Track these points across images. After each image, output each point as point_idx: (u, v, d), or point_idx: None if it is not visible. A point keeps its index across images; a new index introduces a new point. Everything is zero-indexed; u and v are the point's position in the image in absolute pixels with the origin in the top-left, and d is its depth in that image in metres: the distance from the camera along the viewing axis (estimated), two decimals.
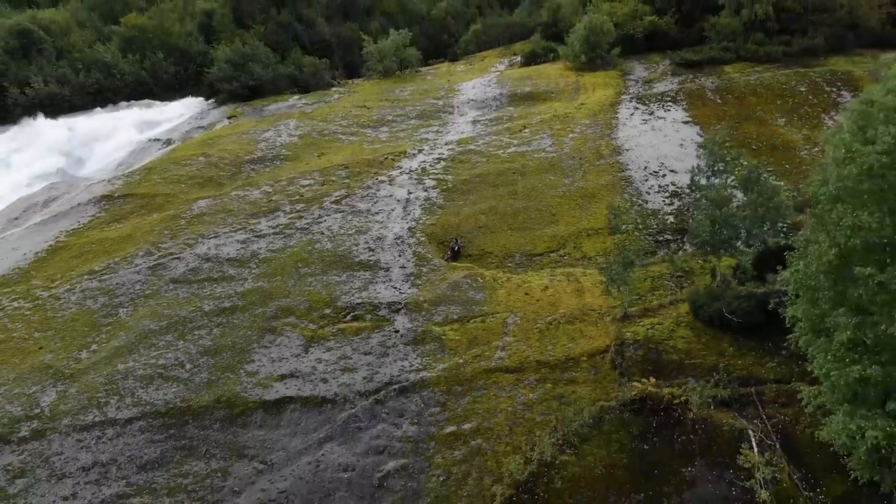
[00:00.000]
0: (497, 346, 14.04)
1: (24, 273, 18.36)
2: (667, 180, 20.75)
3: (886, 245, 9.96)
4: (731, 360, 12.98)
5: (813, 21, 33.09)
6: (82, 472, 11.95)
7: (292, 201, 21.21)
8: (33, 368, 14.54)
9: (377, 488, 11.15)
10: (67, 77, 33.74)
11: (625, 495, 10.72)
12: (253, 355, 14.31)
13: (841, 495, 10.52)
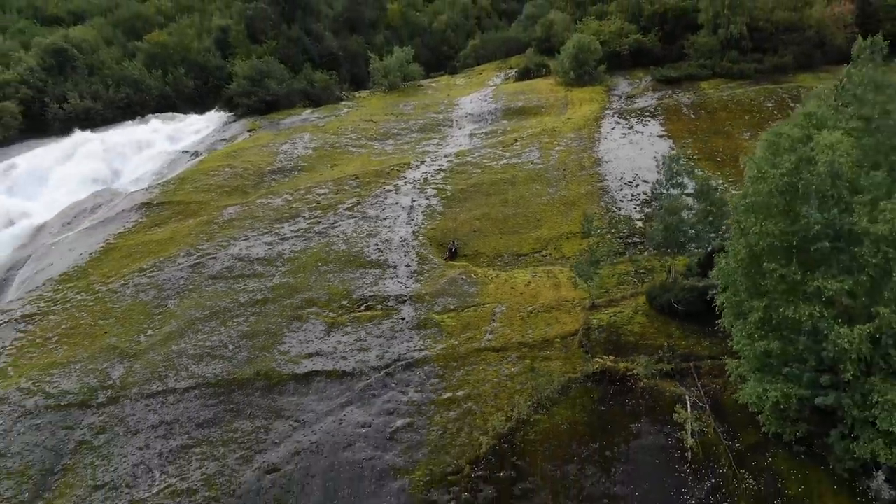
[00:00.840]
0: (486, 330, 16.86)
1: (82, 271, 21.25)
2: (639, 189, 23.55)
3: (787, 247, 12.78)
4: (676, 340, 15.79)
5: (783, 40, 35.91)
6: (152, 429, 14.82)
7: (310, 208, 24.08)
8: (102, 349, 17.42)
9: (388, 440, 13.99)
10: (100, 92, 36.70)
11: (584, 444, 13.54)
12: (284, 338, 17.18)
13: (753, 444, 13.31)
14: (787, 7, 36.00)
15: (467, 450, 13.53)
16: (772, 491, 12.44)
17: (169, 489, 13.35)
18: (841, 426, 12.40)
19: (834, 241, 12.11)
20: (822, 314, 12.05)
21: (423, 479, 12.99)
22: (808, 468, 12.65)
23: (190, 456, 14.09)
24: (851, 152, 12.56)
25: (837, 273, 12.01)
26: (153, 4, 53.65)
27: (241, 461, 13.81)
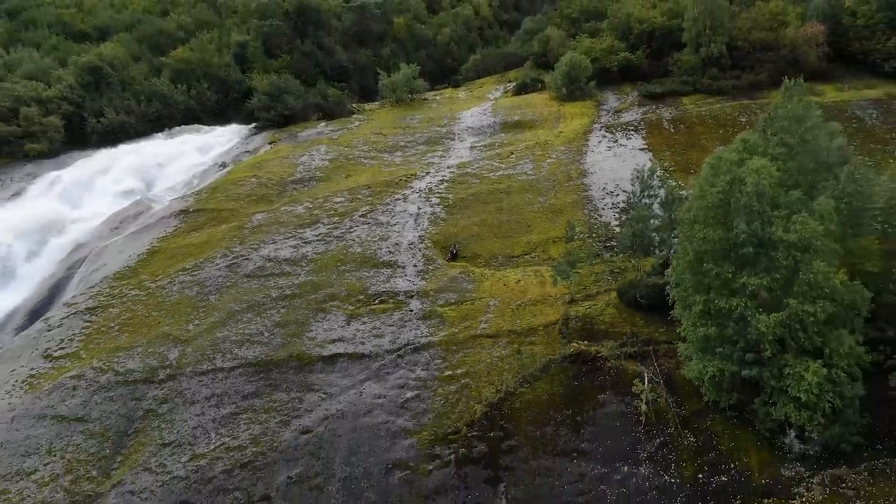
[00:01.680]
0: (481, 320, 19.89)
1: (133, 270, 24.39)
2: (619, 199, 26.49)
3: (722, 251, 15.76)
4: (639, 328, 18.77)
5: (760, 58, 38.74)
6: (206, 400, 17.92)
7: (329, 215, 27.17)
8: (157, 336, 20.54)
9: (400, 408, 17.04)
10: (132, 107, 39.88)
11: (559, 411, 16.55)
12: (311, 327, 20.25)
13: (696, 410, 16.28)
14: (764, 28, 38.78)
15: (464, 415, 16.58)
16: (708, 447, 15.45)
17: (223, 446, 16.45)
18: (763, 395, 15.40)
19: (757, 247, 15.11)
20: (747, 305, 15.06)
21: (428, 438, 16.05)
22: (738, 429, 15.66)
23: (238, 420, 17.20)
24: (774, 175, 15.58)
25: (759, 272, 15.01)
26: (174, 20, 56.90)
27: (281, 424, 16.91)
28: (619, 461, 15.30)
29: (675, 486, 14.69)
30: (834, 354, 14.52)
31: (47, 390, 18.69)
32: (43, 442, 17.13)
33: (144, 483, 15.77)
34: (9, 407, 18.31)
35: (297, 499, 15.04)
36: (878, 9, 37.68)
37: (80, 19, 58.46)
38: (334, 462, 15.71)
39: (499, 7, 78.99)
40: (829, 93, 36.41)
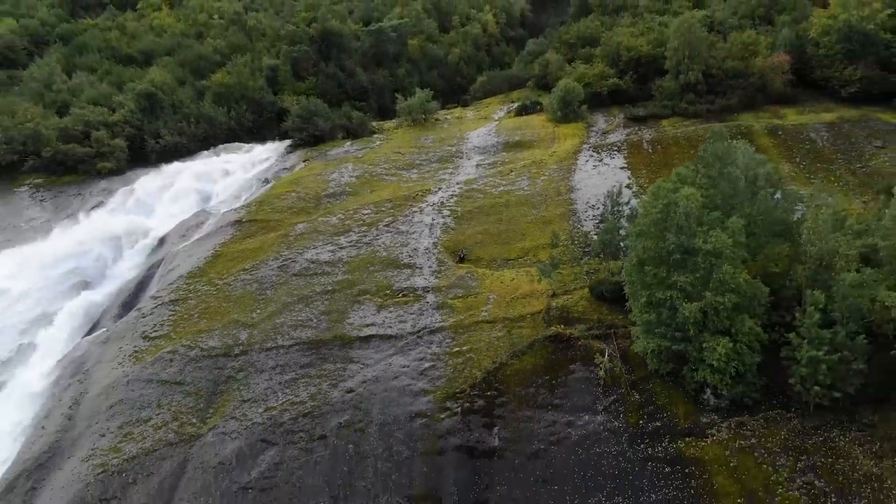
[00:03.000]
0: (483, 310, 25.26)
1: (202, 270, 29.99)
2: (598, 212, 31.70)
3: (658, 257, 21.00)
4: (604, 316, 23.99)
5: (731, 85, 43.67)
6: (272, 369, 23.42)
7: (358, 225, 32.66)
8: (229, 322, 26.09)
9: (420, 374, 22.43)
10: (184, 128, 45.61)
11: (539, 377, 21.82)
12: (349, 315, 25.71)
13: (642, 376, 21.47)
14: (736, 57, 43.82)
15: (468, 379, 21.94)
16: (648, 402, 20.69)
17: (288, 401, 21.95)
18: (688, 363, 20.62)
19: (683, 254, 20.34)
20: (677, 297, 20.28)
21: (441, 396, 21.43)
22: (671, 389, 20.88)
23: (298, 384, 22.69)
24: (699, 200, 20.82)
25: (685, 273, 20.27)
26: (210, 45, 62.65)
27: (330, 386, 22.39)
28: (582, 412, 20.62)
29: (622, 429, 19.97)
30: (738, 333, 19.73)
31: (150, 362, 24.33)
32: (153, 399, 22.75)
33: (232, 427, 21.31)
34: (123, 374, 23.96)
35: (345, 438, 20.50)
36: (837, 40, 42.62)
37: (125, 44, 64.48)
38: (372, 412, 21.15)
39: (506, 24, 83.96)
40: (791, 116, 41.45)
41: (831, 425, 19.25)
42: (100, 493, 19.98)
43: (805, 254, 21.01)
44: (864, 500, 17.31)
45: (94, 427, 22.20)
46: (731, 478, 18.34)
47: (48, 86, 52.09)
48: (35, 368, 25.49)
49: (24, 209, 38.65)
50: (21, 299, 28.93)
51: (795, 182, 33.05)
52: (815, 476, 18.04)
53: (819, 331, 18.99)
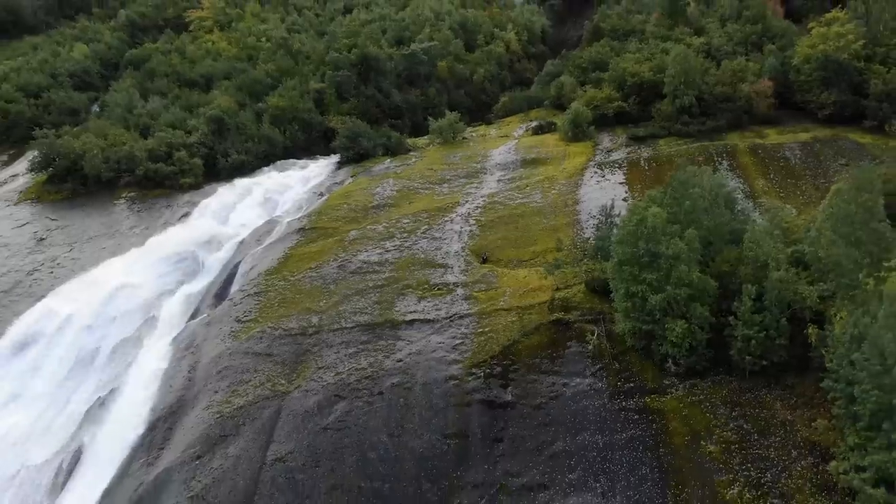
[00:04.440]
0: (501, 300, 31.89)
1: (276, 269, 37.18)
2: (597, 221, 38.10)
3: (632, 259, 27.40)
4: (596, 305, 30.29)
5: (721, 108, 49.32)
6: (338, 345, 30.38)
7: (400, 232, 39.56)
8: (303, 309, 33.17)
9: (452, 349, 29.18)
10: (249, 148, 53.16)
11: (544, 351, 28.34)
12: (396, 304, 32.56)
13: (622, 350, 27.78)
14: (725, 83, 49.54)
15: (489, 352, 28.56)
16: (625, 369, 27.05)
17: (353, 367, 28.86)
18: (656, 340, 27.00)
19: (651, 257, 26.70)
20: (646, 290, 26.67)
21: (468, 364, 28.11)
22: (643, 359, 27.22)
23: (359, 355, 29.64)
24: (664, 217, 27.22)
25: (652, 271, 26.69)
26: (262, 69, 70.35)
27: (384, 357, 29.24)
28: (575, 376, 27.17)
29: (604, 389, 26.45)
30: (692, 317, 26.03)
31: (245, 339, 31.57)
32: (250, 366, 29.94)
33: (312, 386, 28.36)
34: (226, 347, 31.22)
35: (397, 393, 27.35)
36: (816, 68, 48.18)
37: (188, 68, 72.54)
38: (416, 376, 27.97)
39: (527, 42, 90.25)
40: (772, 135, 47.21)
41: (761, 386, 25.50)
42: (219, 431, 27.21)
43: (747, 257, 27.31)
44: (776, 437, 23.63)
45: (209, 386, 29.51)
46: (683, 422, 24.78)
47: (129, 110, 60.17)
48: (156, 344, 32.93)
49: (125, 218, 46.51)
50: (137, 291, 36.45)
51: (767, 195, 38.97)
52: (744, 421, 24.38)
53: (751, 315, 25.27)
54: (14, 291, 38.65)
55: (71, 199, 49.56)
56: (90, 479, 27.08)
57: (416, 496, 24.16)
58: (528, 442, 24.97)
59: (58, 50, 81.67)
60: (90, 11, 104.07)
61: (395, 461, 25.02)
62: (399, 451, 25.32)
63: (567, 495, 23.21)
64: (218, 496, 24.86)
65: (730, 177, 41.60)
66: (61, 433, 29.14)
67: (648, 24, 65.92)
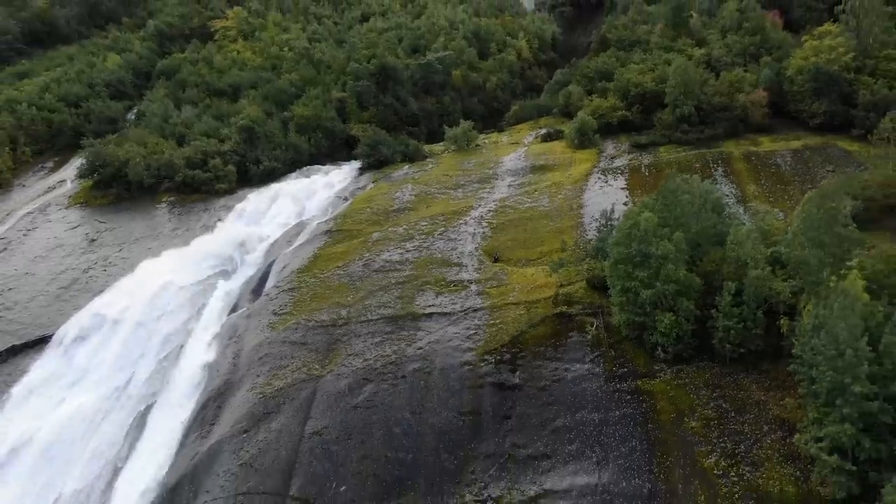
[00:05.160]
0: (511, 295, 35.37)
1: (307, 268, 40.96)
2: (599, 223, 41.46)
3: (627, 259, 30.78)
4: (595, 299, 33.65)
5: (718, 116, 52.22)
6: (365, 335, 34.05)
7: (419, 233, 43.17)
8: (332, 303, 36.90)
9: (467, 338, 32.71)
10: (278, 155, 57.16)
11: (548, 340, 31.77)
12: (416, 298, 36.17)
13: (618, 339, 31.05)
14: (722, 94, 52.50)
15: (500, 341, 32.06)
16: (620, 356, 30.38)
17: (378, 355, 32.53)
18: (647, 331, 30.37)
19: (643, 257, 30.09)
20: (639, 286, 30.05)
21: (481, 351, 31.63)
22: (636, 347, 30.58)
23: (384, 344, 33.30)
24: (655, 221, 30.59)
25: (644, 270, 30.06)
26: (286, 79, 74.30)
27: (406, 345, 32.89)
28: (575, 362, 30.63)
29: (601, 373, 29.88)
30: (679, 310, 29.37)
31: (282, 329, 35.38)
32: (288, 353, 33.73)
33: (343, 371, 32.07)
34: (265, 337, 35.04)
35: (418, 377, 30.97)
36: (808, 79, 51.07)
37: (216, 78, 76.70)
38: (435, 362, 31.61)
39: (538, 49, 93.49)
40: (766, 143, 50.20)
41: (739, 371, 28.76)
42: (262, 409, 31.02)
43: (729, 257, 30.63)
44: (751, 414, 26.94)
45: (252, 371, 33.36)
46: (669, 402, 28.14)
47: (165, 119, 64.41)
48: (203, 334, 36.86)
49: (166, 221, 50.62)
50: (182, 288, 40.42)
51: (757, 200, 42.10)
52: (723, 401, 27.70)
53: (731, 308, 28.55)
54: (73, 287, 42.91)
55: (116, 204, 53.90)
56: (151, 451, 31.00)
57: (436, 465, 27.77)
58: (533, 419, 28.49)
59: (92, 60, 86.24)
60: (119, 21, 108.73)
61: (416, 435, 28.64)
62: (420, 426, 28.93)
63: (567, 463, 26.70)
64: (264, 464, 28.66)
65: (723, 182, 45.04)
66: (124, 412, 33.14)
67: (653, 34, 68.87)
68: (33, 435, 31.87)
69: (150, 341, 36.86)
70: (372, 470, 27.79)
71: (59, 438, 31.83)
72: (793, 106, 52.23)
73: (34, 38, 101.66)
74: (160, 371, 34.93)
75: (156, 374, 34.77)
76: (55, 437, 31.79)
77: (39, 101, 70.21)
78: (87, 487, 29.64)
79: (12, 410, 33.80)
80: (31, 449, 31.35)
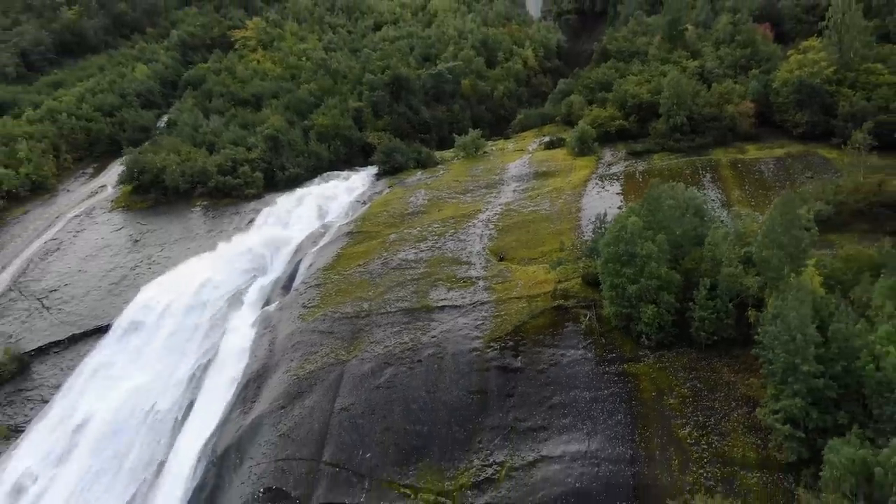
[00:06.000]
0: (514, 290, 39.49)
1: (331, 266, 45.31)
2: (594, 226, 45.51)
3: (616, 258, 34.87)
4: (590, 294, 37.67)
5: (708, 126, 56.13)
6: (385, 325, 38.30)
7: (431, 235, 47.40)
8: (355, 297, 41.19)
9: (475, 328, 36.85)
10: (301, 162, 61.66)
11: (547, 329, 35.81)
12: (430, 293, 40.37)
13: (608, 328, 35.02)
14: (712, 105, 56.26)
15: (504, 330, 36.17)
16: (609, 343, 34.40)
17: (397, 342, 36.74)
18: (633, 321, 34.45)
19: (629, 256, 34.17)
20: (626, 282, 34.10)
21: (488, 339, 35.77)
22: (623, 335, 34.55)
23: (402, 333, 37.55)
24: (640, 224, 34.67)
25: (630, 267, 34.14)
26: (306, 89, 78.71)
27: (421, 334, 37.09)
28: (570, 349, 34.74)
29: (592, 358, 33.91)
30: (661, 303, 33.41)
31: (311, 320, 39.76)
32: (317, 341, 38.10)
33: (366, 356, 36.38)
34: (297, 327, 39.40)
35: (433, 361, 35.20)
36: (792, 91, 54.86)
37: (240, 88, 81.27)
38: (447, 348, 35.86)
39: (543, 57, 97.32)
40: (752, 151, 54.03)
41: (713, 356, 32.74)
42: (296, 389, 35.41)
43: (706, 257, 34.67)
44: (721, 393, 30.99)
45: (286, 356, 37.77)
46: (651, 382, 32.22)
47: (196, 128, 69.07)
48: (241, 325, 41.34)
49: (202, 224, 55.20)
50: (220, 283, 44.95)
51: (740, 204, 46.07)
52: (698, 381, 31.74)
53: (706, 301, 32.62)
54: (122, 283, 47.56)
55: (154, 207, 58.59)
56: (199, 424, 35.49)
57: (448, 435, 32.02)
58: (532, 397, 32.70)
59: (122, 71, 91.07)
60: (143, 31, 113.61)
61: (431, 410, 32.91)
62: (434, 403, 33.20)
63: (561, 434, 30.86)
64: (299, 435, 33.06)
65: (711, 188, 49.03)
66: (174, 390, 37.66)
67: (651, 45, 72.73)
68: (97, 413, 36.42)
69: (194, 331, 41.38)
70: (393, 440, 32.05)
71: (118, 416, 36.34)
72: (778, 116, 55.97)
73: (65, 49, 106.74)
74: (204, 357, 39.41)
75: (201, 360, 39.24)
76: (116, 416, 36.31)
77: (77, 110, 74.99)
78: (147, 457, 34.16)
79: (77, 391, 38.41)
80: (95, 425, 35.90)
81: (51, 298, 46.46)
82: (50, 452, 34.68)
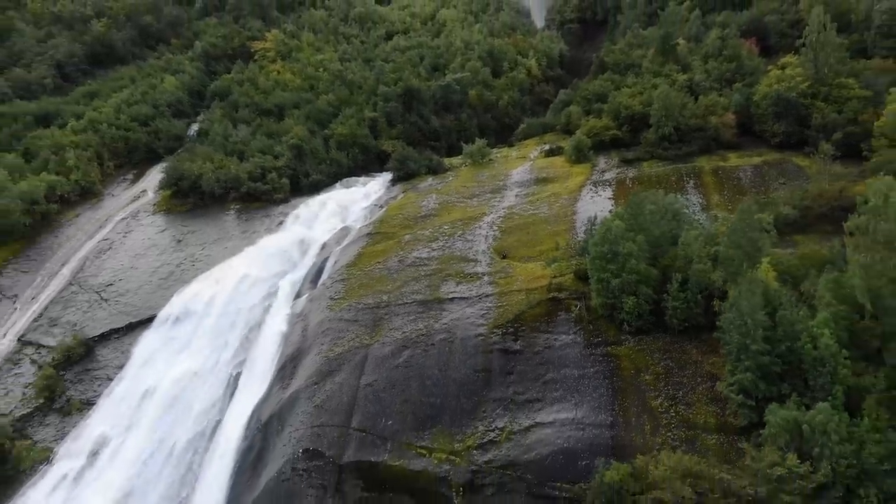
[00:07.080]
0: (515, 284, 44.93)
1: (354, 263, 50.88)
2: (586, 228, 50.83)
3: (601, 255, 40.22)
4: (581, 287, 43.00)
5: (694, 136, 61.18)
6: (403, 314, 43.84)
7: (442, 235, 52.89)
8: (375, 290, 46.74)
9: (481, 317, 42.26)
10: (323, 169, 67.32)
11: (543, 317, 41.20)
12: (441, 286, 45.84)
13: (596, 317, 40.38)
14: (698, 116, 61.32)
15: (505, 318, 41.57)
16: (595, 329, 39.70)
17: (413, 329, 42.28)
18: (616, 310, 39.80)
19: (613, 254, 39.55)
20: (610, 276, 39.43)
21: (492, 326, 41.14)
22: (608, 323, 39.62)
23: (417, 321, 43.06)
24: (622, 227, 40.01)
25: (613, 264, 39.48)
26: (324, 100, 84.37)
27: (433, 321, 42.58)
28: (562, 334, 40.17)
29: (581, 342, 39.31)
30: (639, 295, 38.79)
31: (338, 310, 45.39)
32: (343, 328, 43.72)
33: (387, 340, 41.96)
34: (326, 316, 45.07)
35: (444, 345, 40.70)
36: (771, 103, 59.87)
37: (263, 99, 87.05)
38: (456, 334, 41.33)
39: (546, 66, 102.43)
40: (733, 159, 59.07)
41: (684, 340, 38.03)
42: (327, 368, 41.08)
43: (679, 255, 40.01)
44: (689, 370, 36.34)
45: (318, 340, 43.44)
46: (630, 362, 37.59)
47: (226, 138, 74.94)
48: (276, 315, 47.06)
49: (236, 226, 60.99)
50: (257, 279, 50.72)
51: (718, 208, 51.24)
52: (670, 361, 37.09)
53: (678, 293, 37.99)
54: (170, 279, 53.43)
55: (192, 211, 64.45)
56: (245, 400, 41.22)
57: (457, 406, 37.52)
58: (529, 374, 38.19)
59: (153, 82, 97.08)
60: (168, 42, 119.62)
61: (443, 385, 38.44)
62: (445, 379, 38.72)
63: (553, 405, 36.30)
64: (331, 406, 38.70)
65: (693, 193, 54.22)
66: (221, 372, 43.43)
67: (646, 59, 77.78)
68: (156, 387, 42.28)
69: (236, 319, 47.13)
70: (410, 409, 37.60)
71: (174, 392, 42.17)
72: (758, 126, 60.97)
73: (95, 60, 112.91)
74: (246, 342, 45.17)
75: (244, 344, 44.99)
76: (172, 391, 42.16)
77: (116, 120, 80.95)
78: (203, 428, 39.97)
79: (138, 369, 44.31)
80: (156, 397, 41.77)
81: (108, 291, 52.39)
82: (120, 420, 40.52)
